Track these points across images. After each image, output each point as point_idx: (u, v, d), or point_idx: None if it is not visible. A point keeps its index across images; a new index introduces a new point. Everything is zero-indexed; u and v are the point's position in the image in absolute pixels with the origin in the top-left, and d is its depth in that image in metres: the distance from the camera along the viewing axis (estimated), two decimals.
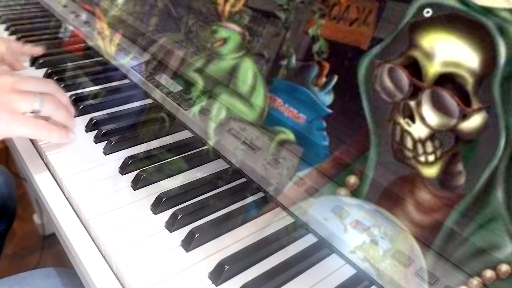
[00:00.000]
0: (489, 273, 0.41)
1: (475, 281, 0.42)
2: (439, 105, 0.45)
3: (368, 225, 0.49)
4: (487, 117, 0.41)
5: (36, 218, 1.54)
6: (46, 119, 0.62)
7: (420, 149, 0.46)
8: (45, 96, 0.60)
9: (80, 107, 0.73)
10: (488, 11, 0.41)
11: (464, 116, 0.43)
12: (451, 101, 0.43)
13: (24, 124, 0.57)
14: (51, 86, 0.64)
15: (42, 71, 0.86)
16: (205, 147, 0.66)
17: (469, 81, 0.42)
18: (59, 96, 0.64)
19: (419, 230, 0.46)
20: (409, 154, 0.47)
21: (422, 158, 0.46)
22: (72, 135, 0.65)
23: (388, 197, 0.48)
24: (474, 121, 0.42)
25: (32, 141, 0.68)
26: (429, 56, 0.45)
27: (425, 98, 0.45)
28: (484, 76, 0.41)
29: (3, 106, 0.56)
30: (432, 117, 0.45)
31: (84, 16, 1.03)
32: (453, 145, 0.44)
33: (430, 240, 0.45)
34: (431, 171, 0.46)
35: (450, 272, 0.43)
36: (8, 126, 0.56)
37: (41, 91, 0.61)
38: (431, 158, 0.46)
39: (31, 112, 0.59)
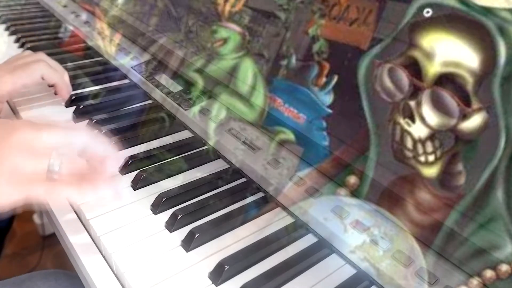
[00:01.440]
0: (489, 273, 0.41)
1: (475, 281, 0.42)
2: (439, 105, 0.45)
3: (368, 225, 0.49)
4: (487, 117, 0.41)
5: (36, 218, 1.54)
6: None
7: (420, 149, 0.46)
8: (66, 160, 0.46)
9: (81, 107, 0.73)
10: (488, 11, 0.41)
11: (464, 116, 0.43)
12: (451, 101, 0.43)
13: (27, 195, 0.44)
14: (80, 136, 0.49)
15: None
16: (205, 147, 0.66)
17: (469, 81, 0.42)
18: (92, 147, 0.49)
19: (419, 230, 0.46)
20: (409, 154, 0.47)
21: (422, 158, 0.46)
22: (104, 189, 0.48)
23: (388, 197, 0.48)
24: (474, 121, 0.42)
25: None
26: (429, 56, 0.45)
27: (425, 98, 0.45)
28: (484, 76, 0.41)
29: (6, 173, 0.44)
30: (432, 117, 0.45)
31: (84, 16, 1.03)
32: (453, 145, 0.44)
33: (430, 240, 0.45)
34: (431, 171, 0.46)
35: (450, 272, 0.43)
36: (7, 198, 0.44)
37: (67, 147, 0.47)
38: (431, 158, 0.46)
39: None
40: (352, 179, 0.51)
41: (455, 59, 0.43)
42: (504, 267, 0.40)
